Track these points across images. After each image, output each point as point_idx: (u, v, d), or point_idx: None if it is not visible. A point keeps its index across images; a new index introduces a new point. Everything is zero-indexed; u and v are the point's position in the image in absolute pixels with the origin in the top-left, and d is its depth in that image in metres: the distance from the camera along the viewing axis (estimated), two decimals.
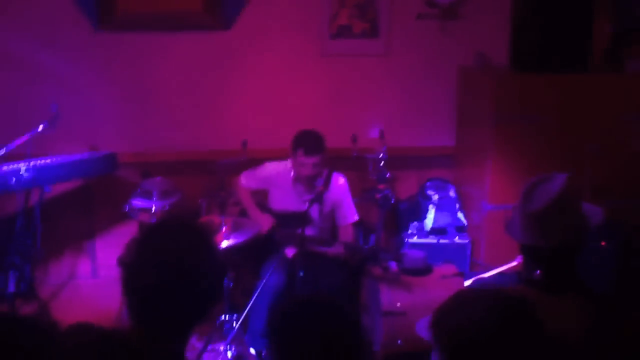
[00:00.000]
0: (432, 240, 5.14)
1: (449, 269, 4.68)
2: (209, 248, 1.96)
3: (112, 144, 5.00)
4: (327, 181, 4.46)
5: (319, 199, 4.30)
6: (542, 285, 2.56)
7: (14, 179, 4.25)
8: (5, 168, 4.31)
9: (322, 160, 4.34)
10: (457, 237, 5.14)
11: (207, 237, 1.98)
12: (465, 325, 1.84)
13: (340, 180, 4.59)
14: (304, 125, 4.55)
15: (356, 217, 4.65)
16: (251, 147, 4.80)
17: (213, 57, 5.12)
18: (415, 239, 5.14)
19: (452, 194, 5.33)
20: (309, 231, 4.35)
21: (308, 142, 4.33)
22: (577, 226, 2.58)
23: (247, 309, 4.12)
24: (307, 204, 4.17)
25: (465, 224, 5.20)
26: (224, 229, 4.05)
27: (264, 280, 4.13)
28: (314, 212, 4.39)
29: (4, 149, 4.30)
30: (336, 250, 4.39)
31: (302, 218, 4.02)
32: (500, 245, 4.81)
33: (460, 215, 5.23)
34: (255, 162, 4.67)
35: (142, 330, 1.87)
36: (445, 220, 5.20)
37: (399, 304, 4.27)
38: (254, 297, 4.09)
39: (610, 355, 2.40)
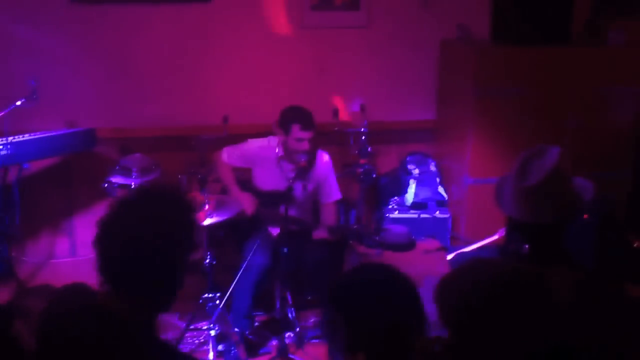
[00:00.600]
0: (413, 215, 5.13)
1: (432, 243, 4.71)
2: (184, 215, 2.01)
3: (91, 119, 4.92)
4: (312, 158, 4.43)
5: (302, 175, 4.28)
6: (528, 258, 2.56)
7: None
8: None
9: (315, 135, 4.30)
10: (437, 212, 5.14)
11: (183, 205, 2.03)
12: (470, 297, 1.84)
13: (324, 157, 4.55)
14: (285, 99, 4.50)
15: (339, 196, 4.61)
16: (232, 123, 4.73)
17: (193, 30, 5.03)
18: (396, 214, 5.13)
19: (432, 168, 5.32)
20: (292, 211, 4.31)
21: (303, 117, 4.27)
22: (571, 202, 2.58)
23: (231, 288, 4.10)
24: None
25: (446, 198, 5.21)
26: (206, 206, 4.00)
27: (248, 259, 4.11)
28: (298, 190, 4.36)
29: None
30: (320, 234, 4.37)
31: (285, 196, 3.98)
32: (480, 219, 4.85)
33: (440, 189, 5.23)
34: (236, 138, 4.61)
35: (116, 295, 1.93)
36: (425, 194, 5.19)
37: None
38: (238, 276, 4.07)
39: (593, 325, 2.41)
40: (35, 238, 5.15)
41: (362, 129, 4.74)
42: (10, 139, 4.28)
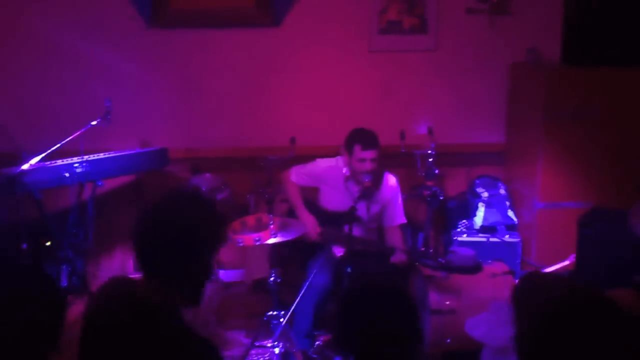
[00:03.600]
0: (481, 238, 5.07)
1: (499, 267, 4.62)
2: (212, 214, 2.17)
3: (164, 139, 5.06)
4: (378, 179, 4.44)
5: (366, 195, 4.28)
6: None
7: (67, 173, 4.34)
8: (59, 162, 4.40)
9: (379, 155, 4.32)
10: (507, 236, 5.07)
11: (211, 205, 2.22)
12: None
13: (391, 180, 4.55)
14: (352, 121, 4.53)
15: (404, 220, 4.59)
16: (299, 144, 4.81)
17: (263, 53, 5.15)
18: (464, 237, 5.08)
19: (502, 191, 5.25)
20: (356, 231, 4.32)
21: (364, 137, 4.31)
22: None
23: (293, 306, 4.12)
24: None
25: (516, 222, 5.12)
26: (271, 226, 4.06)
27: (310, 279, 4.14)
28: (361, 210, 4.36)
29: (59, 143, 4.37)
30: (398, 258, 4.35)
31: (348, 216, 4.00)
32: (551, 244, 4.77)
33: (510, 213, 5.15)
34: (303, 159, 4.66)
35: (151, 286, 2.08)
36: (495, 218, 5.12)
37: (447, 303, 4.23)
38: (300, 295, 4.09)
39: None
40: (109, 254, 5.31)
41: (430, 151, 4.73)
42: (85, 157, 4.44)
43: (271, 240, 4.05)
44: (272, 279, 4.24)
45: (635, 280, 2.56)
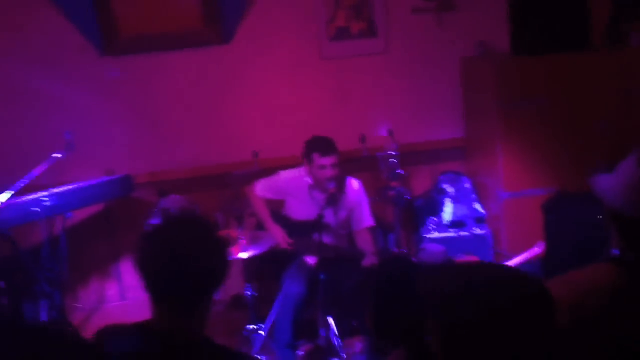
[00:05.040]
0: (451, 234, 5.14)
1: (472, 260, 4.70)
2: (210, 236, 2.12)
3: (128, 166, 5.08)
4: (342, 185, 4.50)
5: (332, 202, 4.34)
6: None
7: (36, 208, 4.35)
8: (27, 198, 4.41)
9: (339, 160, 4.37)
10: (476, 229, 5.14)
11: (209, 227, 2.16)
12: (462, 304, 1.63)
13: (355, 184, 4.61)
14: (312, 130, 4.60)
15: (372, 222, 4.65)
16: (262, 157, 4.85)
17: (217, 71, 5.18)
18: (434, 234, 5.14)
19: (467, 185, 5.33)
20: (327, 238, 4.37)
21: (321, 144, 4.38)
22: None
23: (271, 318, 4.16)
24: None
25: (484, 214, 5.20)
26: (241, 241, 4.11)
27: (285, 289, 4.18)
28: (329, 217, 4.41)
29: (25, 179, 4.37)
30: (370, 261, 4.40)
31: (316, 222, 4.05)
32: (521, 233, 4.84)
33: (477, 206, 5.23)
34: (267, 171, 4.72)
35: (164, 310, 2.04)
36: (462, 212, 5.20)
37: None
38: (276, 306, 4.13)
39: None
40: (85, 284, 5.32)
41: (392, 153, 4.79)
42: (52, 190, 4.45)
43: (243, 255, 4.10)
44: (248, 293, 4.29)
45: (610, 254, 2.60)
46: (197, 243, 2.04)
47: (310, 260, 4.50)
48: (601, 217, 2.60)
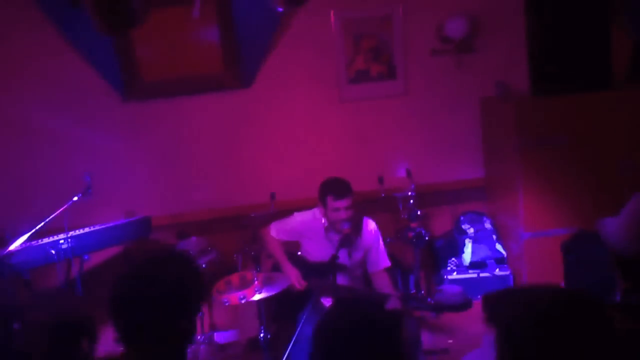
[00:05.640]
0: (472, 274, 5.08)
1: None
2: (188, 274, 2.13)
3: (147, 208, 5.12)
4: (358, 226, 4.47)
5: (346, 243, 4.30)
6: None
7: (53, 251, 4.38)
8: (44, 240, 4.45)
9: (352, 202, 4.35)
10: (497, 269, 5.08)
11: (188, 264, 2.17)
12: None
13: (371, 224, 4.57)
14: (329, 172, 4.59)
15: (388, 263, 4.60)
16: (280, 199, 4.86)
17: (236, 115, 5.25)
18: (454, 275, 5.09)
19: (487, 225, 5.27)
20: (341, 279, 4.33)
21: (335, 187, 4.36)
22: None
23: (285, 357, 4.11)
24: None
25: (505, 255, 5.13)
26: (255, 283, 4.08)
27: (299, 330, 4.13)
28: (344, 258, 4.38)
29: (43, 222, 4.43)
30: (393, 305, 4.34)
31: (330, 263, 4.01)
32: (542, 273, 4.75)
33: (498, 246, 5.17)
34: (284, 212, 4.71)
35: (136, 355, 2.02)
36: (483, 253, 5.14)
37: (441, 343, 4.22)
38: (290, 347, 4.08)
39: None
40: (102, 327, 5.30)
41: (410, 193, 4.77)
42: (70, 233, 4.49)
43: (257, 297, 4.08)
44: (261, 335, 4.25)
45: (611, 300, 2.56)
46: (164, 281, 2.04)
47: (326, 301, 4.46)
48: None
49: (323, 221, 4.49)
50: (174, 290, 2.05)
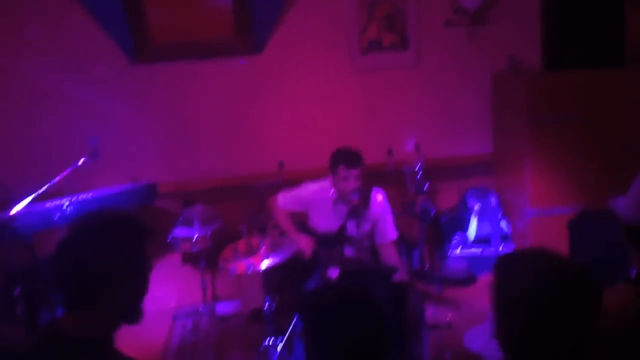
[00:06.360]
0: (476, 250, 5.06)
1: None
2: (134, 236, 2.05)
3: (152, 174, 5.07)
4: (366, 197, 4.43)
5: (355, 214, 4.27)
6: None
7: (57, 215, 4.33)
8: (48, 204, 4.39)
9: (363, 172, 4.32)
10: (501, 246, 5.06)
11: (133, 226, 2.07)
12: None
13: (379, 196, 4.53)
14: (338, 142, 4.52)
15: (395, 235, 4.57)
16: (288, 169, 4.82)
17: (246, 81, 5.19)
18: (458, 251, 5.07)
19: (493, 202, 5.25)
20: (349, 251, 4.30)
21: (347, 156, 4.31)
22: None
23: (290, 331, 4.11)
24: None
25: (509, 232, 5.11)
26: (262, 249, 4.04)
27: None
28: (351, 228, 4.35)
29: (47, 185, 4.37)
30: (400, 276, 4.32)
31: (338, 234, 3.99)
32: None
33: (503, 223, 5.15)
34: (292, 183, 4.66)
35: (74, 319, 1.97)
36: (488, 229, 5.13)
37: (445, 317, 4.22)
38: (295, 319, 4.07)
39: None
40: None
41: (418, 167, 4.73)
42: (74, 197, 4.44)
43: (265, 263, 4.04)
44: (266, 306, 4.23)
45: (628, 275, 2.56)
46: (112, 249, 1.98)
47: (332, 273, 4.44)
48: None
49: (332, 192, 4.45)
50: (109, 251, 1.99)
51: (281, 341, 4.18)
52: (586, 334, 1.77)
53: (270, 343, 4.21)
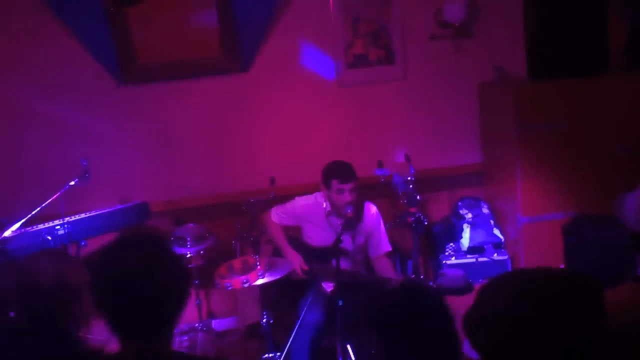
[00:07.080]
0: (470, 259, 5.08)
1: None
2: (169, 257, 2.07)
3: (144, 193, 5.04)
4: (360, 210, 4.45)
5: (349, 226, 4.29)
6: None
7: (49, 237, 4.30)
8: (40, 226, 4.37)
9: (357, 186, 4.33)
10: (495, 254, 5.08)
11: (166, 248, 2.10)
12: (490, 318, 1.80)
13: (372, 209, 4.56)
14: (329, 156, 4.56)
15: (389, 247, 4.59)
16: (279, 184, 4.81)
17: (234, 100, 5.19)
18: (453, 260, 5.08)
19: (485, 210, 5.28)
20: (344, 264, 4.31)
21: (341, 171, 4.33)
22: None
23: (288, 346, 4.09)
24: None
25: (502, 239, 5.14)
26: (258, 268, 4.05)
27: (302, 316, 4.11)
28: (347, 242, 4.36)
29: (39, 207, 4.35)
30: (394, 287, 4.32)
31: (333, 248, 3.98)
32: (540, 258, 4.76)
33: (496, 231, 5.17)
34: (284, 198, 4.68)
35: (130, 344, 1.98)
36: (481, 238, 5.14)
37: None
38: (293, 334, 4.06)
39: None
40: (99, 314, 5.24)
41: (409, 178, 4.75)
42: (66, 219, 4.42)
43: (259, 281, 4.04)
44: (264, 321, 4.22)
45: (635, 274, 2.57)
46: (146, 265, 1.97)
47: (328, 286, 4.44)
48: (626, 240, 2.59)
49: (324, 205, 4.47)
50: (167, 280, 2.00)
51: (280, 357, 4.16)
52: (585, 336, 1.76)
53: (269, 357, 4.19)
